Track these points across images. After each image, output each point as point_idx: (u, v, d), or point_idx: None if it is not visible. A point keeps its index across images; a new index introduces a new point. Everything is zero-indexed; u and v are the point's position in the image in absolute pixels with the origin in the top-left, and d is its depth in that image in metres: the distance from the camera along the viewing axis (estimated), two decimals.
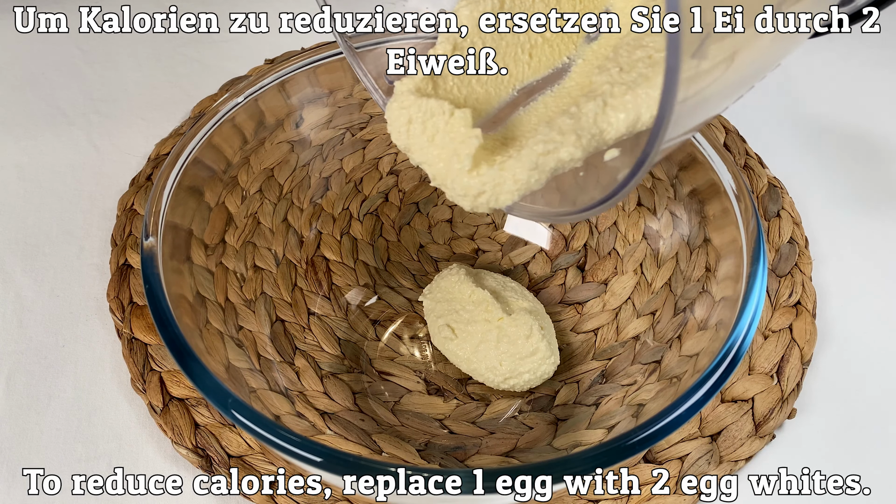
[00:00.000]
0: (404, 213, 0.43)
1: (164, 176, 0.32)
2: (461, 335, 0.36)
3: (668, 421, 0.25)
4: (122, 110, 0.49)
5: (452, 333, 0.36)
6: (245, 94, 0.35)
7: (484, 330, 0.36)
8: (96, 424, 0.35)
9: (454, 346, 0.36)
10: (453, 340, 0.36)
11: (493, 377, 0.35)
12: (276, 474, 0.33)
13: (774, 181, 0.45)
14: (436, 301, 0.38)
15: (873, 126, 0.50)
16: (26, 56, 0.51)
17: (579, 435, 0.33)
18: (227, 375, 0.29)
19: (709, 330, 0.31)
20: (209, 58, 0.52)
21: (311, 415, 0.33)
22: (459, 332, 0.36)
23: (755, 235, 0.30)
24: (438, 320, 0.37)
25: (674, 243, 0.37)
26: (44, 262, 0.41)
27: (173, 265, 0.31)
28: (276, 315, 0.37)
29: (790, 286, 0.39)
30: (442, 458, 0.33)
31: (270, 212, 0.38)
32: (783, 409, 0.35)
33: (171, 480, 0.34)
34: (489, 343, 0.35)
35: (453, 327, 0.36)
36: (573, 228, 0.41)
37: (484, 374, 0.35)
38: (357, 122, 0.41)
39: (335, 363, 0.36)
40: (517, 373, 0.35)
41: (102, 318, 0.39)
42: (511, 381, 0.35)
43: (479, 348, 0.35)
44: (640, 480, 0.33)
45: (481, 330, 0.36)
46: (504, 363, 0.35)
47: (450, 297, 0.37)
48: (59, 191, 0.44)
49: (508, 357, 0.35)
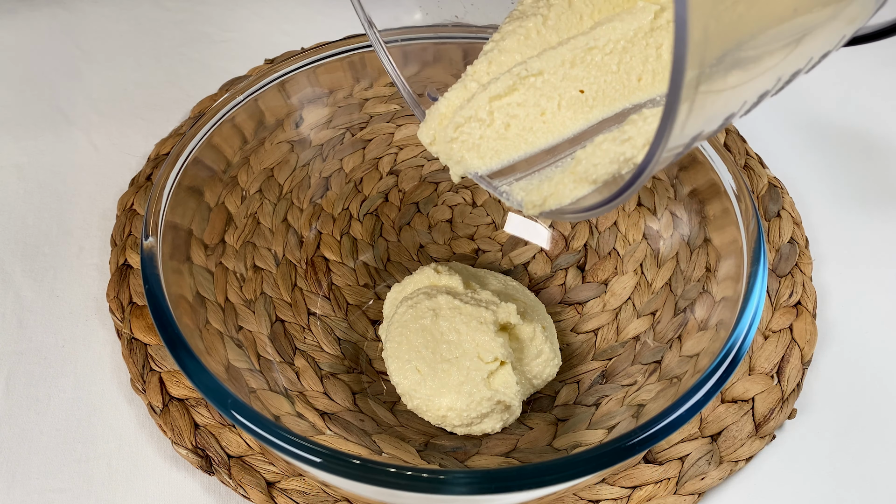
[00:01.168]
0: (404, 213, 0.43)
1: (164, 176, 0.32)
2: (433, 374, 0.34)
3: (668, 421, 0.25)
4: (122, 110, 0.49)
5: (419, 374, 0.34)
6: (245, 94, 0.35)
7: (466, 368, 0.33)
8: (96, 424, 0.35)
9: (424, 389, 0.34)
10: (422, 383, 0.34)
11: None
12: (276, 474, 0.33)
13: (774, 181, 0.45)
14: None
15: (873, 126, 0.50)
16: (26, 56, 0.51)
17: (579, 435, 0.33)
18: (226, 375, 0.29)
19: (709, 330, 0.31)
20: (209, 58, 0.52)
21: (311, 415, 0.33)
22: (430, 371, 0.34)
23: (755, 235, 0.30)
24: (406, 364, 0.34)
25: (674, 243, 0.37)
26: (44, 262, 0.41)
27: (173, 265, 0.31)
28: (275, 315, 0.37)
29: (790, 286, 0.39)
30: (442, 459, 0.33)
31: (270, 212, 0.38)
32: (783, 409, 0.35)
33: (171, 481, 0.34)
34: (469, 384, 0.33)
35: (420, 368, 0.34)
36: (573, 228, 0.41)
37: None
38: (357, 122, 0.41)
39: (335, 363, 0.36)
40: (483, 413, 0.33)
41: (102, 318, 0.39)
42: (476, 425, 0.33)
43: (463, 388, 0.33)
44: (640, 480, 0.33)
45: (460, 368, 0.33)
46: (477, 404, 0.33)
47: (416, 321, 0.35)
48: (59, 191, 0.44)
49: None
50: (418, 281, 0.38)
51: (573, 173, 0.23)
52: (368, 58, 0.38)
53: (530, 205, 0.25)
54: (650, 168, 0.18)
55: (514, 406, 0.33)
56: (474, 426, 0.33)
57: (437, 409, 0.33)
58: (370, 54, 0.38)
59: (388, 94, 0.41)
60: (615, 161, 0.22)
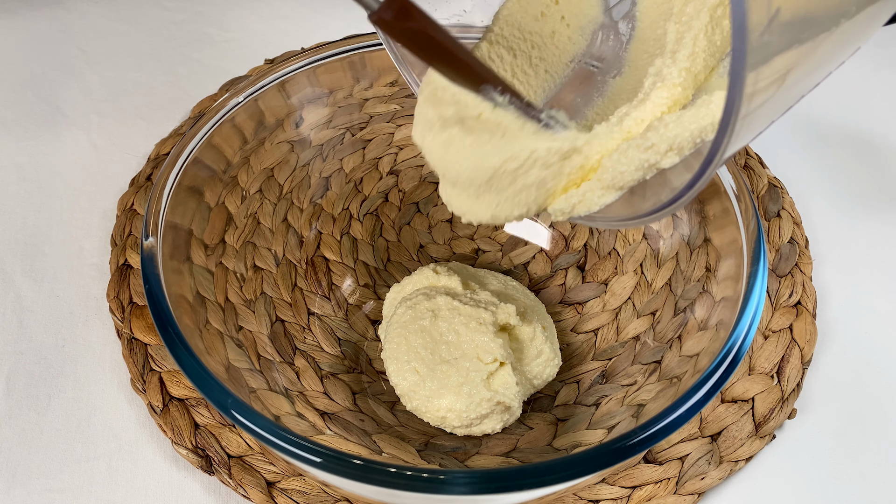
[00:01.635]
0: (404, 213, 0.43)
1: (164, 176, 0.32)
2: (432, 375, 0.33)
3: (668, 421, 0.25)
4: (122, 110, 0.49)
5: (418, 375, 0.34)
6: (245, 94, 0.35)
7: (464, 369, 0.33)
8: (96, 424, 0.35)
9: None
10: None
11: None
12: (276, 474, 0.33)
13: (774, 181, 0.45)
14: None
15: (873, 126, 0.50)
16: (26, 56, 0.51)
17: (579, 435, 0.33)
18: (227, 375, 0.29)
19: (709, 330, 0.31)
20: (209, 58, 0.52)
21: (311, 415, 0.33)
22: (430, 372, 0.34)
23: (755, 235, 0.30)
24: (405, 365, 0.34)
25: (674, 243, 0.37)
26: (44, 262, 0.41)
27: (173, 265, 0.31)
28: (276, 315, 0.37)
29: (790, 286, 0.39)
30: (442, 459, 0.33)
31: (270, 212, 0.38)
32: (783, 409, 0.35)
33: (171, 481, 0.34)
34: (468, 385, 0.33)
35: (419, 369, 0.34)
36: (573, 228, 0.41)
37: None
38: (357, 122, 0.41)
39: (335, 363, 0.36)
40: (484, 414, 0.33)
41: (102, 318, 0.39)
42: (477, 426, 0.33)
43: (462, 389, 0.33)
44: (640, 480, 0.33)
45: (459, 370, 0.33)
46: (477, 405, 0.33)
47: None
48: (59, 191, 0.44)
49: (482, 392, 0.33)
50: (417, 281, 0.38)
51: (600, 181, 0.23)
52: (368, 58, 0.38)
53: (559, 212, 0.25)
54: (718, 156, 0.18)
55: (514, 407, 0.33)
56: (474, 427, 0.33)
57: (436, 411, 0.33)
58: (370, 54, 0.38)
59: (388, 94, 0.41)
60: (640, 168, 0.22)
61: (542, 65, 0.28)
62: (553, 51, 0.28)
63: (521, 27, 0.28)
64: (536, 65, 0.28)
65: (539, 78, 0.28)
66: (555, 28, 0.28)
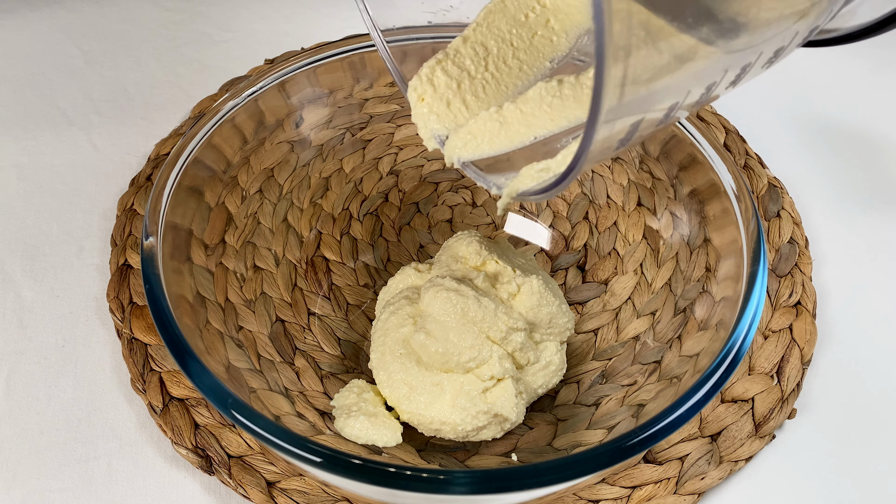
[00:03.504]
0: (404, 213, 0.43)
1: (164, 176, 0.32)
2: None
3: (668, 421, 0.25)
4: (122, 110, 0.49)
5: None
6: (245, 94, 0.35)
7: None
8: (96, 424, 0.35)
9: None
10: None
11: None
12: (276, 474, 0.33)
13: (774, 181, 0.45)
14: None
15: (873, 126, 0.50)
16: (26, 56, 0.51)
17: (579, 435, 0.33)
18: (227, 375, 0.29)
19: (709, 330, 0.31)
20: (209, 58, 0.52)
21: (311, 415, 0.33)
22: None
23: (755, 236, 0.30)
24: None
25: (674, 243, 0.37)
26: (44, 262, 0.41)
27: (173, 265, 0.31)
28: (276, 315, 0.37)
29: (790, 286, 0.39)
30: (442, 459, 0.33)
31: (270, 212, 0.38)
32: (783, 409, 0.35)
33: (171, 481, 0.34)
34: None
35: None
36: (573, 228, 0.41)
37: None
38: (357, 122, 0.41)
39: (335, 363, 0.36)
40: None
41: (102, 318, 0.39)
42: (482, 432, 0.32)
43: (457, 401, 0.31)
44: (640, 480, 0.33)
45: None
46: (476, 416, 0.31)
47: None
48: (59, 191, 0.44)
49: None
50: (399, 281, 0.36)
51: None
52: (368, 58, 0.38)
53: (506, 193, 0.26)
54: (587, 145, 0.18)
55: (514, 419, 0.32)
56: (471, 437, 0.32)
57: (429, 423, 0.32)
58: (370, 54, 0.38)
59: (388, 95, 0.41)
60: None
61: (517, 64, 0.29)
62: (533, 52, 0.29)
63: (500, 27, 0.28)
64: (511, 65, 0.28)
65: (512, 75, 0.28)
66: (538, 30, 0.28)
